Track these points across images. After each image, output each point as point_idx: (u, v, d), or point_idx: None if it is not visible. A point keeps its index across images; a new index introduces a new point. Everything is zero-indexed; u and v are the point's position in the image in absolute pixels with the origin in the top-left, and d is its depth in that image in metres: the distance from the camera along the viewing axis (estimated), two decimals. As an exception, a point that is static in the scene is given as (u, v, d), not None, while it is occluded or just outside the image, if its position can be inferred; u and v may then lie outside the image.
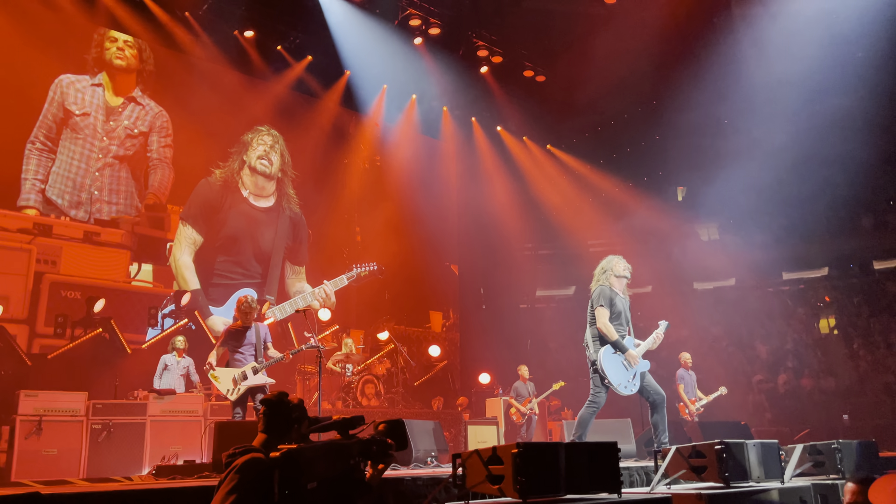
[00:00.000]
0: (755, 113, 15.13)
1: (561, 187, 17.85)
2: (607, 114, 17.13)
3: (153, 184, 12.15)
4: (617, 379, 6.39)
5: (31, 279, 10.54)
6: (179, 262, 12.12)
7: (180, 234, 12.21)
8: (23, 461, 7.85)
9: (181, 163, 12.42)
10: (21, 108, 10.81)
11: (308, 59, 13.91)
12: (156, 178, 12.19)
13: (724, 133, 16.08)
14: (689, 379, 11.25)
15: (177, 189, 12.37)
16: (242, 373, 7.96)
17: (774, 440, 5.01)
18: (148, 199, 12.04)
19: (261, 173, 13.32)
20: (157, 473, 5.75)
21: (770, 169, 15.36)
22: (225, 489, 2.91)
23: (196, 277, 12.24)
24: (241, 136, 13.27)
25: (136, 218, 11.82)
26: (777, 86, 14.30)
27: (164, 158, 12.30)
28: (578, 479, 3.72)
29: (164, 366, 9.81)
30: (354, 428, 3.07)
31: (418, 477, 4.63)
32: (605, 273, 6.81)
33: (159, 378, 9.70)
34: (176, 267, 12.06)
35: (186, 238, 12.27)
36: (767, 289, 18.15)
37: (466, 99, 15.80)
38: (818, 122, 14.33)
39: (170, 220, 12.23)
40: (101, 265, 11.33)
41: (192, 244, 12.31)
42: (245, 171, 13.18)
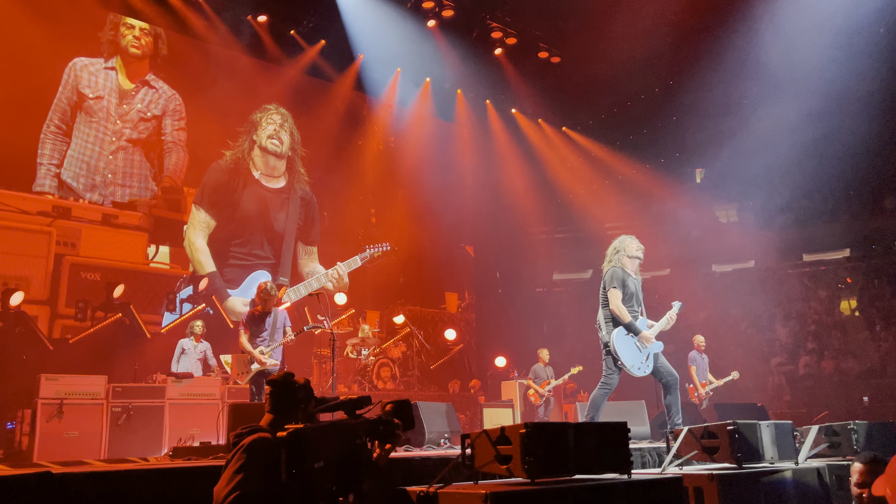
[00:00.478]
0: (774, 92, 14.89)
1: (577, 170, 17.71)
2: (623, 94, 16.92)
3: (168, 167, 12.24)
4: (630, 360, 6.35)
5: (52, 261, 10.71)
6: (194, 246, 12.21)
7: (194, 218, 12.29)
8: (45, 443, 7.98)
9: (195, 147, 12.48)
10: (36, 92, 10.91)
11: (321, 43, 13.88)
12: (171, 160, 12.28)
13: (743, 113, 15.83)
14: (700, 362, 11.19)
15: (192, 173, 12.45)
16: (250, 358, 8.16)
17: (788, 421, 4.97)
18: (164, 181, 12.13)
19: (272, 153, 13.33)
20: (174, 454, 5.83)
21: (790, 149, 15.13)
22: (232, 468, 2.95)
23: (211, 260, 12.32)
24: (249, 116, 13.27)
25: (152, 200, 11.92)
26: (796, 64, 14.04)
27: (179, 141, 12.37)
28: (588, 459, 3.71)
29: (182, 350, 9.93)
30: (361, 408, 3.08)
31: (428, 457, 4.66)
32: (618, 254, 6.75)
33: (177, 362, 9.82)
34: (191, 251, 12.16)
35: (200, 222, 12.35)
36: (787, 270, 17.96)
37: (480, 81, 15.68)
38: (839, 101, 14.08)
39: (186, 202, 12.32)
40: (119, 247, 11.47)
41: (206, 227, 12.38)
42: (255, 152, 13.20)
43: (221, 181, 12.70)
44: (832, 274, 17.79)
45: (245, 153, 13.04)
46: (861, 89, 14.14)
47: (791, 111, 14.73)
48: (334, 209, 14.22)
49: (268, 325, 8.27)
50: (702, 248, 17.89)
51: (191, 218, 12.26)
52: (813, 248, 18.04)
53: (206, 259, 12.26)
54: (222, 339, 10.95)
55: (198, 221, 12.31)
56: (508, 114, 16.93)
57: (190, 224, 12.22)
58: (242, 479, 2.88)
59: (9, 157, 10.41)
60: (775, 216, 18.65)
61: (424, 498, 3.47)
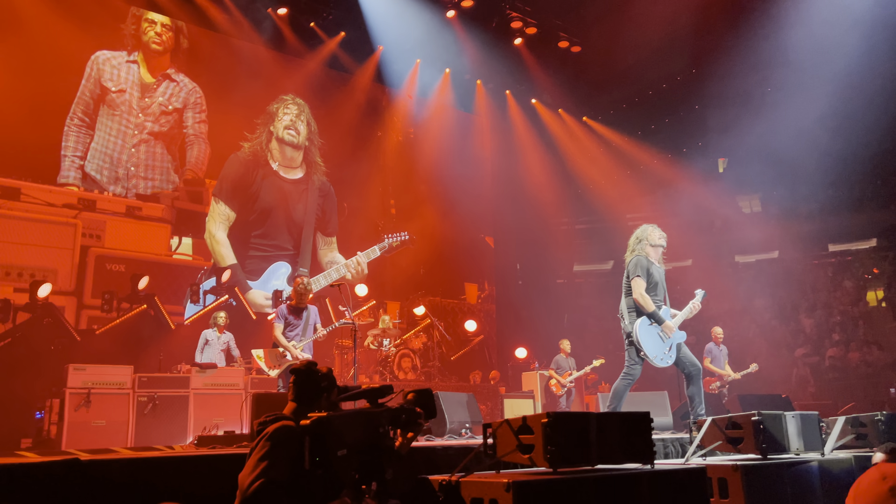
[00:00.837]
0: (799, 79, 14.65)
1: (597, 160, 17.59)
2: (645, 84, 16.75)
3: (190, 159, 12.35)
4: (653, 351, 6.29)
5: (78, 253, 10.89)
6: (215, 239, 12.32)
7: (213, 211, 12.39)
8: (73, 432, 8.13)
9: (216, 140, 12.58)
10: (59, 85, 11.05)
11: (341, 35, 13.90)
12: (192, 153, 12.39)
13: (767, 101, 15.59)
14: (717, 353, 11.08)
15: (213, 165, 12.56)
16: (283, 352, 8.27)
17: (814, 412, 4.91)
18: (186, 174, 12.25)
19: (288, 143, 13.38)
20: (199, 443, 5.90)
21: (815, 138, 14.89)
22: (257, 456, 2.97)
23: (232, 252, 12.44)
24: (266, 107, 13.32)
25: (174, 192, 12.05)
26: (821, 51, 13.78)
27: (200, 134, 12.48)
28: (610, 449, 3.69)
29: (206, 341, 10.03)
30: (383, 397, 3.09)
31: (450, 447, 4.67)
32: (641, 243, 6.68)
33: (200, 352, 9.92)
34: (211, 244, 12.27)
35: (220, 214, 12.45)
36: (812, 261, 17.72)
37: (500, 72, 15.60)
38: (864, 88, 13.84)
39: (208, 194, 12.44)
40: (143, 239, 11.64)
41: (226, 220, 12.48)
42: (273, 143, 13.26)
43: (240, 173, 12.79)
44: (858, 264, 17.53)
45: (263, 145, 13.11)
46: (888, 76, 13.87)
47: (816, 98, 14.48)
48: (354, 200, 14.27)
49: (301, 319, 8.44)
50: (724, 239, 17.72)
51: (210, 210, 12.36)
52: (839, 238, 17.78)
53: (226, 251, 12.36)
54: (245, 330, 11.06)
55: (217, 214, 12.41)
56: (528, 104, 16.84)
57: (210, 217, 12.33)
58: (267, 466, 2.91)
59: (34, 150, 10.59)
60: (800, 206, 18.38)
61: (447, 486, 3.48)
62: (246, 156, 12.89)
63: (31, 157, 10.55)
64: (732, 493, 4.16)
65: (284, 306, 8.55)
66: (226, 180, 12.62)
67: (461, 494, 3.40)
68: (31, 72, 10.58)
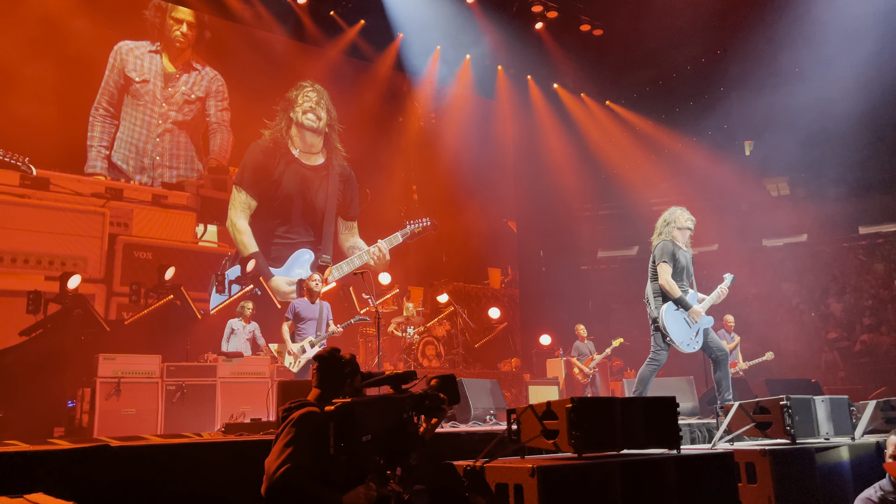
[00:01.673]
0: (826, 60, 14.32)
1: (621, 144, 17.40)
2: (668, 66, 16.48)
3: (214, 147, 12.45)
4: (679, 336, 6.22)
5: (106, 241, 11.09)
6: (236, 227, 12.41)
7: (235, 199, 12.47)
8: (104, 420, 8.29)
9: (238, 129, 12.66)
10: (84, 76, 11.18)
11: (361, 23, 13.88)
12: (216, 141, 12.49)
13: (794, 83, 15.29)
14: (728, 341, 10.96)
15: (235, 154, 12.65)
16: (301, 346, 8.42)
17: (844, 396, 4.82)
18: (210, 162, 12.36)
19: (308, 129, 13.38)
20: (226, 430, 5.97)
21: (843, 119, 14.58)
22: (282, 441, 3.00)
23: (254, 241, 12.53)
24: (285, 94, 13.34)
25: (199, 181, 12.17)
26: (849, 31, 13.46)
27: (223, 122, 12.56)
28: (635, 433, 3.67)
29: (231, 330, 10.14)
30: (407, 383, 3.09)
31: (474, 433, 4.68)
32: (668, 226, 6.57)
33: (227, 342, 10.04)
34: (233, 232, 12.36)
35: (241, 203, 12.52)
36: (842, 244, 17.41)
37: (521, 57, 15.47)
38: (894, 68, 13.48)
39: (231, 181, 12.53)
40: (169, 227, 11.81)
41: (248, 208, 12.56)
42: (293, 130, 13.27)
43: (261, 161, 12.84)
44: (890, 246, 17.19)
45: (283, 131, 13.13)
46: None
47: (844, 78, 14.17)
48: (376, 187, 14.29)
49: (312, 315, 8.53)
50: (751, 223, 17.45)
51: (232, 199, 12.44)
52: (869, 221, 17.43)
53: (248, 240, 12.46)
54: (270, 320, 11.14)
55: (239, 202, 12.49)
56: (550, 89, 16.69)
57: (231, 205, 12.41)
58: (292, 452, 2.94)
59: (61, 141, 10.75)
60: (828, 188, 18.05)
61: (471, 472, 3.48)
62: (266, 143, 12.94)
63: (57, 148, 10.72)
64: (760, 477, 4.11)
65: (295, 302, 8.66)
66: (247, 168, 12.69)
67: (486, 480, 3.41)
68: (55, 62, 10.69)
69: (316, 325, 8.52)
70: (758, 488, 4.10)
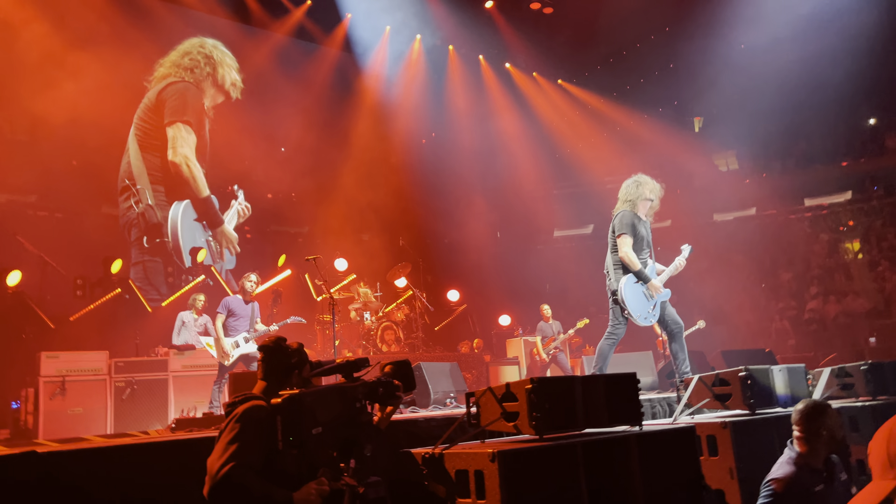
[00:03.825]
0: (771, 36, 14.53)
1: (574, 123, 17.42)
2: (619, 44, 16.57)
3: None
4: (637, 310, 6.18)
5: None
6: (191, 163, 11.98)
7: (186, 137, 12.01)
8: (49, 421, 7.96)
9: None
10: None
11: (307, 3, 13.51)
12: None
13: (741, 59, 15.49)
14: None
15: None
16: (235, 342, 8.35)
17: (801, 364, 4.86)
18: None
19: (227, 95, 12.89)
20: (176, 426, 5.76)
21: (788, 94, 14.87)
22: (226, 438, 2.83)
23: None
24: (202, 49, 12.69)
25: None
26: (794, 6, 13.67)
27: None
28: (597, 412, 3.60)
29: (182, 322, 9.85)
30: (359, 370, 2.95)
31: (433, 418, 4.56)
32: (634, 195, 6.46)
33: (177, 335, 9.75)
34: (189, 168, 11.93)
35: (190, 141, 12.09)
36: (789, 216, 17.81)
37: (472, 36, 15.30)
38: (837, 42, 13.74)
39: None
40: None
41: (193, 147, 12.17)
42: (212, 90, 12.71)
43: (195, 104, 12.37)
44: (834, 217, 17.67)
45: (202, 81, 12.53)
46: (859, 29, 13.78)
47: (789, 53, 14.41)
48: (329, 171, 13.99)
49: (245, 312, 8.54)
50: (702, 198, 17.71)
51: (178, 136, 11.94)
52: (814, 192, 17.87)
53: (203, 179, 12.09)
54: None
55: (190, 140, 12.08)
56: (502, 68, 16.58)
57: (181, 142, 11.92)
58: (237, 449, 2.77)
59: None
60: (774, 162, 18.44)
61: (430, 459, 3.37)
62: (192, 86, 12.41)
63: None
64: (722, 449, 4.10)
65: (228, 299, 8.61)
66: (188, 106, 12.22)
67: (445, 467, 3.30)
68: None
69: (248, 322, 8.56)
70: (719, 460, 4.09)
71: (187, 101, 12.14)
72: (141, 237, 11.49)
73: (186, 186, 11.99)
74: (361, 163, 14.39)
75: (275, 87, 13.40)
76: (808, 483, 3.60)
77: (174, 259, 11.79)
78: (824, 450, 3.68)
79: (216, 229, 12.29)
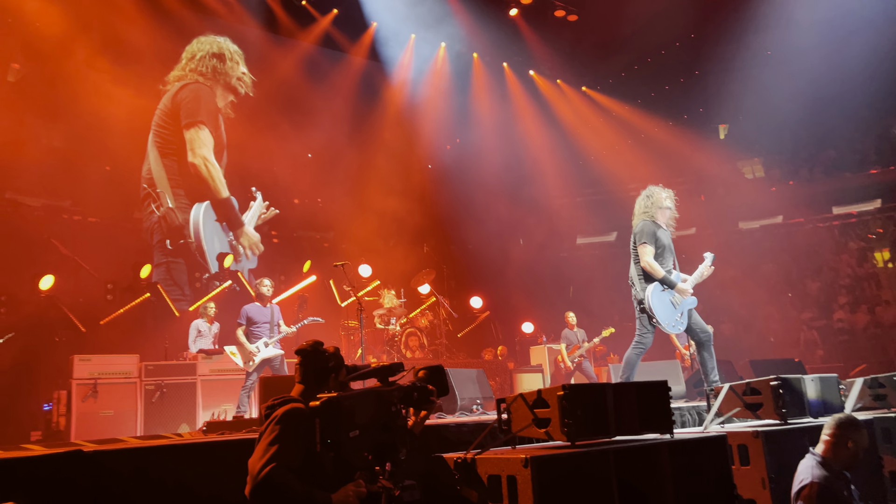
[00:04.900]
0: (799, 43, 14.40)
1: (598, 130, 17.38)
2: (644, 51, 16.48)
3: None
4: (665, 318, 6.16)
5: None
6: (210, 164, 12.13)
7: (204, 138, 12.13)
8: (81, 423, 8.11)
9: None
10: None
11: (334, 12, 13.66)
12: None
13: (767, 65, 15.37)
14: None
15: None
16: (256, 347, 8.44)
17: (833, 374, 4.81)
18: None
19: (237, 94, 13.04)
20: (207, 429, 5.84)
21: (816, 101, 14.69)
22: (266, 440, 2.88)
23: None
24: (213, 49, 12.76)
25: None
26: (823, 12, 13.53)
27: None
28: (628, 419, 3.60)
29: (198, 331, 9.99)
30: (394, 375, 2.99)
31: (463, 424, 4.59)
32: (650, 201, 6.48)
33: (193, 343, 9.89)
34: (208, 170, 12.08)
35: (209, 141, 12.20)
36: (817, 224, 17.57)
37: (496, 44, 15.34)
38: (867, 49, 13.58)
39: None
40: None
41: (211, 147, 12.30)
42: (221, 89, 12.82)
43: (210, 106, 12.53)
44: (863, 225, 17.39)
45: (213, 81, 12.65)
46: (888, 35, 13.61)
47: (816, 60, 14.26)
48: (351, 177, 14.11)
49: (265, 317, 8.61)
50: (728, 206, 17.55)
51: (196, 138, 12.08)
52: (843, 200, 17.61)
53: (222, 180, 12.23)
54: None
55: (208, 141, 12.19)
56: (526, 76, 16.60)
57: (199, 144, 12.07)
58: (277, 450, 2.82)
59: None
60: (802, 169, 18.21)
61: (462, 464, 3.39)
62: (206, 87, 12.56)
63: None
64: (753, 458, 4.08)
65: (247, 307, 8.67)
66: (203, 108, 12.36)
67: (477, 472, 3.32)
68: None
69: (268, 327, 8.60)
70: (751, 470, 4.06)
71: (201, 102, 12.31)
72: (164, 240, 11.67)
73: (206, 188, 12.14)
74: (386, 169, 14.49)
75: (302, 94, 13.56)
76: (838, 485, 3.68)
77: (198, 260, 11.93)
78: (844, 461, 3.84)
79: (237, 230, 12.43)
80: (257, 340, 8.50)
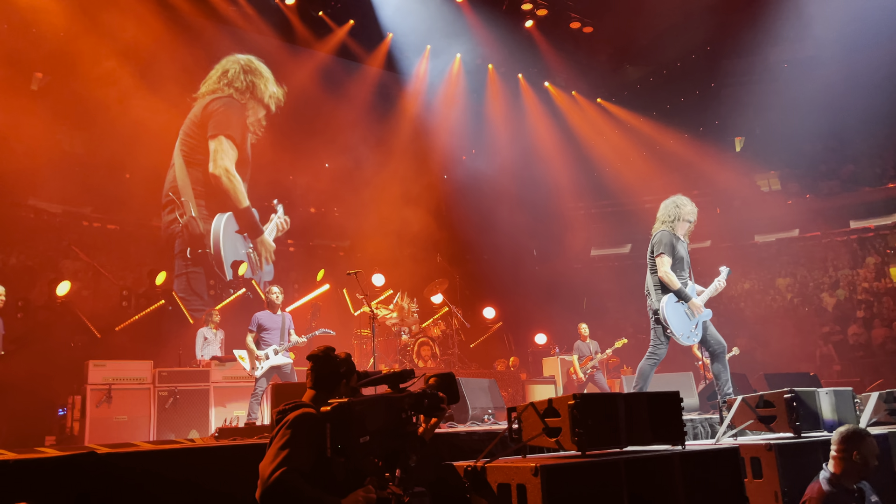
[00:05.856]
0: (817, 55, 14.34)
1: (613, 142, 17.36)
2: (659, 63, 16.48)
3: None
4: (679, 329, 6.12)
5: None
6: (231, 175, 12.24)
7: (227, 149, 12.28)
8: (95, 428, 8.17)
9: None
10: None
11: (350, 23, 13.77)
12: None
13: (783, 78, 15.30)
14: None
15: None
16: (266, 353, 8.43)
17: (849, 388, 4.76)
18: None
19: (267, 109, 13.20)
20: (220, 435, 5.87)
21: (833, 114, 14.60)
22: (277, 444, 2.90)
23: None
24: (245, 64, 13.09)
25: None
26: (839, 26, 13.47)
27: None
28: (639, 430, 3.58)
29: (204, 339, 10.04)
30: (405, 382, 2.99)
31: (474, 432, 4.58)
32: (673, 215, 6.44)
33: (201, 350, 9.93)
34: (229, 181, 12.20)
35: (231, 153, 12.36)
36: (834, 238, 17.42)
37: (512, 55, 15.39)
38: (885, 63, 13.50)
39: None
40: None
41: (234, 160, 12.44)
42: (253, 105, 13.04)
43: (236, 119, 12.69)
44: (881, 240, 17.22)
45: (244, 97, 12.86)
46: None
47: (834, 73, 14.19)
48: (367, 186, 14.18)
49: (275, 324, 8.61)
50: (743, 219, 17.45)
51: (221, 149, 12.23)
52: (860, 214, 17.45)
53: (243, 191, 12.32)
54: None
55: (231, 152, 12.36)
56: (541, 87, 16.63)
57: (222, 154, 12.20)
58: (288, 454, 2.84)
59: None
60: (819, 183, 18.08)
61: (472, 472, 3.39)
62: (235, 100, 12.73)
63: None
64: (766, 471, 4.04)
65: (258, 315, 8.68)
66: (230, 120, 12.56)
67: (487, 480, 3.31)
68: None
69: (279, 334, 8.60)
70: (764, 483, 4.02)
71: (231, 116, 12.46)
72: (185, 249, 11.77)
73: (227, 198, 12.27)
74: (402, 179, 14.55)
75: (318, 104, 13.67)
76: (844, 499, 3.65)
77: (215, 270, 12.03)
78: (856, 474, 3.86)
79: (256, 239, 12.54)
80: (267, 347, 8.51)
